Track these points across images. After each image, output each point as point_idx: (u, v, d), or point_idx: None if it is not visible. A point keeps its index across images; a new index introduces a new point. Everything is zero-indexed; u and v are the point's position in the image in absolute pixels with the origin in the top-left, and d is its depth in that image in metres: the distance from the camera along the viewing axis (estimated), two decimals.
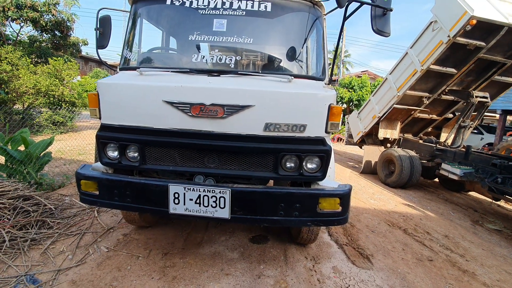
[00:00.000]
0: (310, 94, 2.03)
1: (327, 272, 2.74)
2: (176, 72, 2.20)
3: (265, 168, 2.15)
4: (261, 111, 2.00)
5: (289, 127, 2.03)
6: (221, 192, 1.97)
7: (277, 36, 2.41)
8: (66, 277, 2.38)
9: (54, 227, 3.08)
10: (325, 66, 2.39)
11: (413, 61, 5.49)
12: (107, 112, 2.15)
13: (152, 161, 2.20)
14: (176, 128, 2.06)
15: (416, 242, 3.57)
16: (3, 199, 2.90)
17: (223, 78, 2.12)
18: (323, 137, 2.10)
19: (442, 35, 4.75)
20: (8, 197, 2.95)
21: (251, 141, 2.05)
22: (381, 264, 2.97)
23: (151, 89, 2.04)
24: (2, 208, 2.81)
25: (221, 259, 2.80)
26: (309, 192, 2.02)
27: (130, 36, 2.48)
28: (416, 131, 7.25)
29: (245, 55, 2.31)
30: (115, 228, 3.27)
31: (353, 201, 4.98)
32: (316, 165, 2.16)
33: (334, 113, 2.07)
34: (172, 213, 2.04)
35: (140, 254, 2.77)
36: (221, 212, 2.00)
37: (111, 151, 2.23)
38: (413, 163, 5.76)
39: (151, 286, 2.33)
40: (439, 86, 5.66)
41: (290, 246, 3.15)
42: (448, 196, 5.87)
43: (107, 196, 2.13)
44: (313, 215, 2.01)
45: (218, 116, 1.99)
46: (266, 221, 2.01)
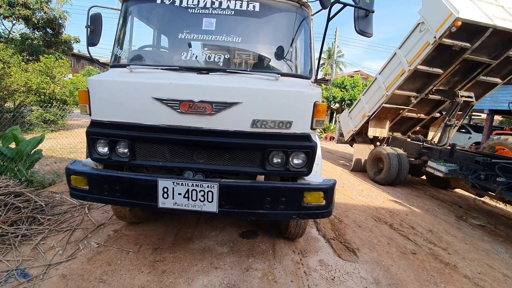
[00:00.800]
0: (296, 92, 2.11)
1: (313, 265, 2.82)
2: (166, 69, 2.25)
3: (252, 163, 2.22)
4: (248, 108, 2.07)
5: (276, 123, 2.10)
6: (209, 186, 2.03)
7: (265, 36, 2.47)
8: (57, 271, 2.41)
9: (44, 223, 3.10)
10: (312, 65, 2.46)
11: (401, 61, 5.62)
12: (97, 109, 2.19)
13: (142, 157, 2.25)
14: (165, 124, 2.11)
15: (401, 236, 3.68)
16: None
17: (212, 76, 2.18)
18: (309, 133, 2.18)
19: (429, 36, 4.89)
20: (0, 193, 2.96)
21: (238, 137, 2.12)
22: (366, 257, 3.07)
23: (140, 86, 2.09)
24: None
25: (210, 253, 2.86)
26: (294, 186, 2.10)
27: (121, 34, 2.52)
28: (405, 130, 7.41)
29: (233, 53, 2.37)
30: (106, 224, 3.30)
31: (342, 197, 5.10)
32: (302, 161, 2.23)
33: (319, 110, 2.15)
34: (161, 208, 2.09)
35: (130, 249, 2.81)
36: (209, 206, 2.06)
37: (101, 147, 2.26)
38: (401, 161, 5.90)
39: (140, 279, 2.38)
40: (426, 86, 5.81)
41: (279, 240, 3.23)
42: (435, 193, 6.04)
43: (97, 191, 2.17)
44: (298, 209, 2.09)
45: (206, 112, 2.05)
46: (253, 214, 2.08)
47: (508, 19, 4.63)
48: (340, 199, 5.01)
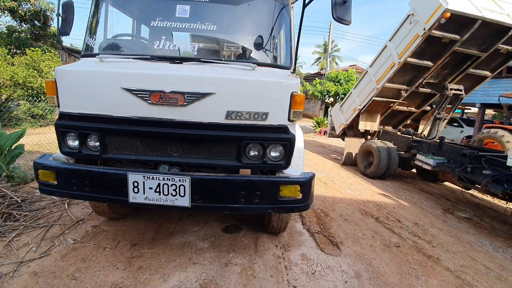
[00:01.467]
0: (272, 82, 2.03)
1: (295, 259, 2.79)
2: (137, 59, 2.16)
3: (228, 156, 2.15)
4: (222, 99, 1.99)
5: (251, 115, 2.03)
6: (180, 180, 1.96)
7: (242, 24, 2.38)
8: (28, 268, 2.34)
9: (20, 219, 3.01)
10: (292, 55, 2.38)
11: (391, 54, 5.56)
12: (65, 100, 2.09)
13: (114, 150, 2.16)
14: (136, 116, 2.02)
15: (386, 229, 3.67)
16: None
17: (185, 66, 2.10)
18: (286, 125, 2.11)
19: (419, 28, 4.82)
20: None
21: (213, 129, 2.04)
22: (349, 250, 3.04)
23: (109, 76, 1.99)
24: None
25: (190, 248, 2.81)
26: (270, 180, 2.04)
27: (93, 22, 2.41)
28: (396, 123, 7.39)
29: (208, 42, 2.28)
30: (85, 220, 3.22)
31: (331, 191, 5.07)
32: (280, 154, 2.17)
33: (297, 101, 2.08)
34: (132, 202, 2.02)
35: (107, 245, 2.74)
36: (181, 201, 1.99)
37: (71, 140, 2.17)
38: (390, 154, 5.88)
39: (114, 276, 2.32)
40: (416, 79, 5.76)
41: (262, 235, 3.18)
42: (424, 186, 6.05)
43: (65, 185, 2.09)
44: (274, 202, 2.03)
45: (178, 104, 1.97)
46: (227, 208, 2.02)
47: (497, 11, 4.57)
48: (328, 192, 4.99)
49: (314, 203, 4.37)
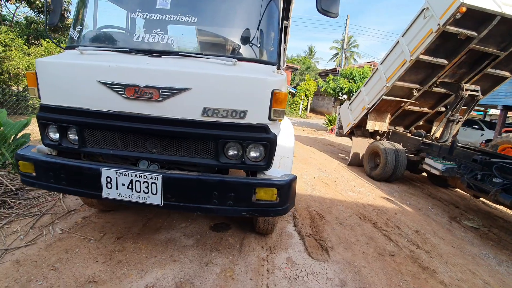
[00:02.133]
0: (251, 78, 1.92)
1: (279, 262, 2.69)
2: (117, 51, 2.11)
3: (206, 155, 2.07)
4: (198, 95, 1.91)
5: (229, 112, 1.94)
6: (152, 178, 1.91)
7: (226, 16, 2.27)
8: (12, 256, 2.39)
9: (14, 207, 3.10)
10: (280, 50, 2.26)
11: (403, 50, 5.26)
12: (45, 92, 2.08)
13: (92, 144, 2.14)
14: (112, 110, 1.98)
15: (383, 236, 3.49)
16: None
17: (163, 60, 2.02)
18: (266, 124, 2.00)
19: (433, 23, 4.51)
20: None
21: (189, 126, 1.97)
22: (339, 257, 2.91)
23: (85, 69, 1.96)
24: None
25: (174, 245, 2.78)
26: (244, 181, 1.94)
27: (78, 14, 2.38)
28: (408, 124, 7.05)
29: (189, 35, 2.19)
30: (77, 210, 3.27)
31: (331, 192, 4.91)
32: (260, 154, 2.07)
33: (278, 99, 1.96)
34: (105, 198, 2.00)
35: (93, 237, 2.76)
36: (154, 199, 1.94)
37: (52, 133, 2.17)
38: (398, 157, 5.61)
39: (93, 269, 2.32)
40: (430, 78, 5.43)
41: (249, 235, 3.11)
42: (433, 191, 5.74)
43: (43, 178, 2.09)
44: (248, 205, 1.94)
45: (153, 99, 1.91)
46: (200, 209, 1.95)
47: None
48: (328, 194, 4.83)
49: (310, 204, 4.24)
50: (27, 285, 2.08)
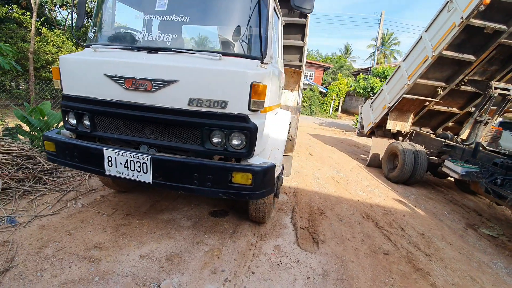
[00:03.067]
0: (232, 71, 2.10)
1: (267, 249, 2.83)
2: (122, 49, 2.42)
3: (193, 141, 2.29)
4: (185, 87, 2.13)
5: (211, 102, 2.13)
6: (143, 158, 2.18)
7: (215, 15, 2.46)
8: (39, 222, 2.85)
9: (48, 183, 3.64)
10: (267, 45, 2.40)
11: (425, 46, 4.99)
12: (66, 84, 2.47)
13: (101, 129, 2.48)
14: (115, 99, 2.29)
15: (383, 235, 3.42)
16: (8, 156, 3.50)
17: (158, 55, 2.28)
18: (246, 114, 2.16)
19: (456, 17, 4.24)
20: (13, 155, 3.56)
21: (177, 114, 2.20)
22: (328, 249, 2.95)
23: (94, 64, 2.29)
24: (5, 163, 3.41)
25: (173, 225, 3.06)
26: (221, 165, 2.12)
27: (97, 16, 2.75)
28: (435, 125, 6.62)
29: (182, 33, 2.43)
30: (98, 190, 3.73)
31: (339, 191, 4.86)
32: (241, 142, 2.23)
33: (257, 91, 2.11)
34: (107, 174, 2.32)
35: (106, 212, 3.16)
36: (145, 177, 2.22)
37: (71, 119, 2.56)
38: (417, 158, 5.33)
39: (100, 237, 2.69)
40: (457, 76, 5.07)
41: (245, 223, 3.28)
42: (457, 198, 5.35)
43: (61, 155, 2.49)
44: (225, 187, 2.12)
45: (147, 89, 2.17)
46: (183, 188, 2.18)
47: None
48: (335, 192, 4.80)
49: (314, 200, 4.27)
50: (46, 244, 2.50)
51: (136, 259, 2.43)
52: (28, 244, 2.49)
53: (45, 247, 2.47)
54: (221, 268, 2.45)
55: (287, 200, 4.14)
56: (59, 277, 2.14)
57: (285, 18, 6.07)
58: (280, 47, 3.32)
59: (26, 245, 2.47)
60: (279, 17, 3.19)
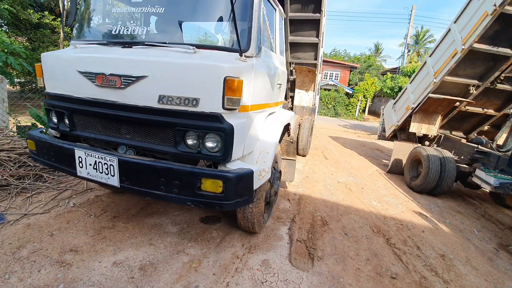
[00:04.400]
0: (202, 65, 1.88)
1: (253, 263, 2.55)
2: (99, 44, 2.31)
3: (166, 142, 2.11)
4: (154, 83, 1.95)
5: (182, 100, 1.93)
6: (110, 160, 2.03)
7: (193, 5, 2.25)
8: (27, 220, 2.84)
9: (48, 181, 3.69)
10: (250, 37, 2.15)
11: (455, 39, 4.39)
12: (47, 82, 2.42)
13: (80, 128, 2.40)
14: (88, 97, 2.18)
15: (393, 254, 2.98)
16: (11, 153, 3.60)
17: (132, 49, 2.13)
18: (220, 113, 1.92)
19: (488, 4, 3.66)
20: (16, 152, 3.65)
21: (148, 113, 2.03)
22: (324, 268, 2.60)
23: (69, 60, 2.20)
24: (7, 160, 3.50)
25: (158, 230, 2.90)
26: (188, 170, 1.90)
27: (75, 13, 2.66)
28: (468, 129, 5.87)
29: (157, 25, 2.25)
30: (94, 189, 3.71)
31: (350, 199, 4.43)
32: (216, 145, 2.00)
33: (231, 87, 1.87)
34: (79, 176, 2.21)
35: (94, 213, 3.09)
36: (113, 180, 2.06)
37: (54, 117, 2.51)
38: (445, 166, 4.71)
39: (80, 240, 2.60)
40: (491, 72, 4.41)
41: (236, 232, 3.03)
42: (491, 212, 4.63)
43: (41, 154, 2.44)
44: (193, 195, 1.89)
45: (117, 86, 2.03)
46: (149, 194, 1.99)
47: None
48: (346, 200, 4.37)
49: (319, 209, 3.91)
50: (25, 245, 2.45)
51: (108, 267, 2.29)
52: (8, 244, 2.46)
53: (23, 247, 2.42)
54: (196, 283, 2.22)
55: (288, 208, 3.83)
56: (25, 281, 2.06)
57: (298, 14, 5.76)
58: (278, 41, 3.04)
59: (6, 244, 2.44)
60: (275, 8, 2.92)
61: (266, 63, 2.49)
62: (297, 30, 6.11)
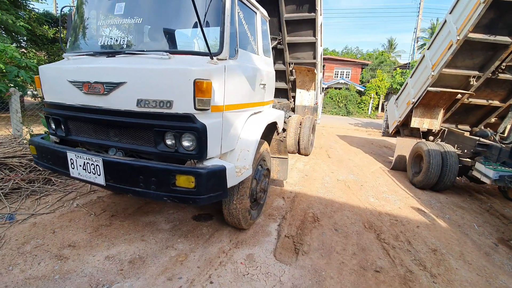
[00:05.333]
0: (173, 70, 2.02)
1: (238, 257, 2.65)
2: (87, 55, 2.51)
3: (148, 143, 2.26)
4: (133, 88, 2.12)
5: (157, 103, 2.08)
6: (96, 160, 2.20)
7: (168, 14, 2.39)
8: (34, 219, 3.10)
9: (56, 184, 3.97)
10: (223, 41, 2.27)
11: (450, 30, 4.30)
12: (45, 92, 2.65)
13: (74, 133, 2.61)
14: (78, 104, 2.38)
15: (381, 249, 2.98)
16: (23, 159, 3.91)
17: (115, 58, 2.31)
18: (192, 114, 2.05)
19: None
20: (27, 158, 3.97)
21: (129, 116, 2.19)
22: (308, 262, 2.66)
23: (60, 71, 2.42)
24: (19, 166, 3.81)
25: (151, 227, 3.07)
26: (163, 167, 2.03)
27: (69, 27, 2.90)
28: (474, 121, 5.67)
29: (136, 35, 2.42)
30: (97, 191, 3.95)
31: (347, 196, 4.42)
32: (192, 143, 2.13)
33: (200, 88, 1.99)
34: (72, 176, 2.41)
35: (94, 212, 3.31)
36: (99, 179, 2.24)
37: (52, 124, 2.74)
38: (446, 160, 4.60)
39: (78, 236, 2.80)
40: (492, 62, 4.26)
41: (225, 228, 3.15)
42: (498, 207, 4.46)
43: (40, 158, 2.67)
44: (168, 191, 2.03)
45: (101, 92, 2.21)
46: (131, 191, 2.14)
47: None
48: (342, 197, 4.37)
49: (313, 206, 3.94)
50: (29, 241, 2.68)
51: (101, 260, 2.47)
52: (15, 240, 2.70)
53: (27, 243, 2.65)
54: (179, 275, 2.35)
55: (282, 206, 3.89)
56: (26, 272, 2.27)
57: (293, 14, 5.84)
58: (259, 42, 3.14)
59: (13, 240, 2.69)
60: (255, 12, 3.03)
61: (243, 64, 2.60)
62: (294, 31, 6.18)
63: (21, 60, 4.86)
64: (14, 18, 7.91)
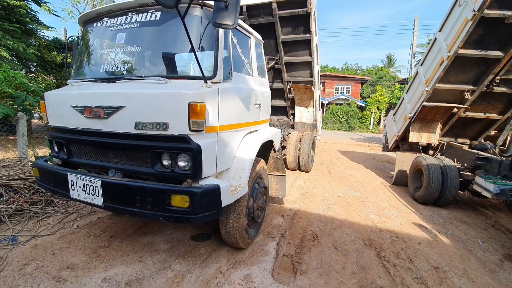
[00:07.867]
0: (169, 93, 2.12)
1: (235, 278, 2.63)
2: (90, 81, 2.65)
3: (145, 163, 2.33)
4: (131, 111, 2.22)
5: (154, 125, 2.17)
6: (95, 182, 2.27)
7: (165, 41, 2.54)
8: (35, 241, 3.13)
9: (57, 206, 4.03)
10: (217, 65, 2.39)
11: (440, 47, 4.43)
12: (49, 116, 2.78)
13: (76, 155, 2.70)
14: (80, 127, 2.49)
15: (382, 268, 2.92)
16: (27, 181, 4.01)
17: (116, 84, 2.44)
18: (187, 135, 2.13)
19: (468, 11, 3.71)
20: (31, 180, 4.06)
21: (127, 138, 2.28)
22: (306, 282, 2.62)
23: (64, 97, 2.55)
24: (23, 188, 3.90)
25: (149, 248, 3.07)
26: (159, 187, 2.08)
27: (74, 56, 3.08)
28: (473, 135, 5.68)
29: (135, 62, 2.57)
30: (98, 212, 3.99)
31: (347, 213, 4.38)
32: (187, 163, 2.19)
33: (195, 111, 2.09)
34: (72, 198, 2.47)
35: (94, 233, 3.33)
36: (98, 200, 2.30)
37: (55, 147, 2.84)
38: (446, 175, 4.57)
39: (77, 258, 2.82)
40: (485, 76, 4.35)
41: (223, 248, 3.14)
42: (504, 221, 4.36)
43: (42, 180, 2.75)
44: (164, 210, 2.07)
45: (101, 116, 2.32)
46: (128, 212, 2.19)
47: None
48: (342, 214, 4.33)
49: (313, 224, 3.91)
50: (30, 262, 2.71)
51: (98, 282, 2.47)
52: (16, 261, 2.73)
53: (28, 264, 2.68)
54: None
55: (281, 224, 3.87)
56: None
57: (289, 36, 6.07)
58: (254, 64, 3.28)
59: (14, 262, 2.72)
60: (249, 36, 3.19)
61: (237, 86, 2.71)
62: (291, 51, 6.40)
63: (29, 86, 5.09)
64: (25, 46, 8.34)
